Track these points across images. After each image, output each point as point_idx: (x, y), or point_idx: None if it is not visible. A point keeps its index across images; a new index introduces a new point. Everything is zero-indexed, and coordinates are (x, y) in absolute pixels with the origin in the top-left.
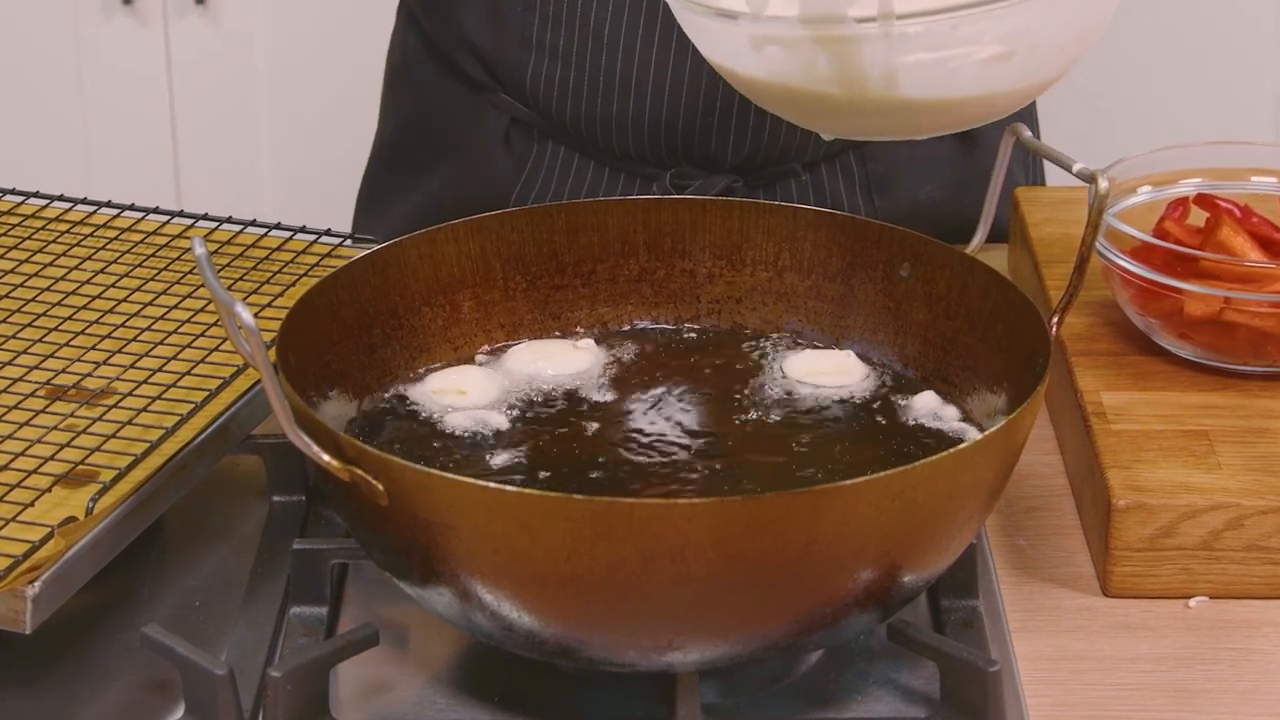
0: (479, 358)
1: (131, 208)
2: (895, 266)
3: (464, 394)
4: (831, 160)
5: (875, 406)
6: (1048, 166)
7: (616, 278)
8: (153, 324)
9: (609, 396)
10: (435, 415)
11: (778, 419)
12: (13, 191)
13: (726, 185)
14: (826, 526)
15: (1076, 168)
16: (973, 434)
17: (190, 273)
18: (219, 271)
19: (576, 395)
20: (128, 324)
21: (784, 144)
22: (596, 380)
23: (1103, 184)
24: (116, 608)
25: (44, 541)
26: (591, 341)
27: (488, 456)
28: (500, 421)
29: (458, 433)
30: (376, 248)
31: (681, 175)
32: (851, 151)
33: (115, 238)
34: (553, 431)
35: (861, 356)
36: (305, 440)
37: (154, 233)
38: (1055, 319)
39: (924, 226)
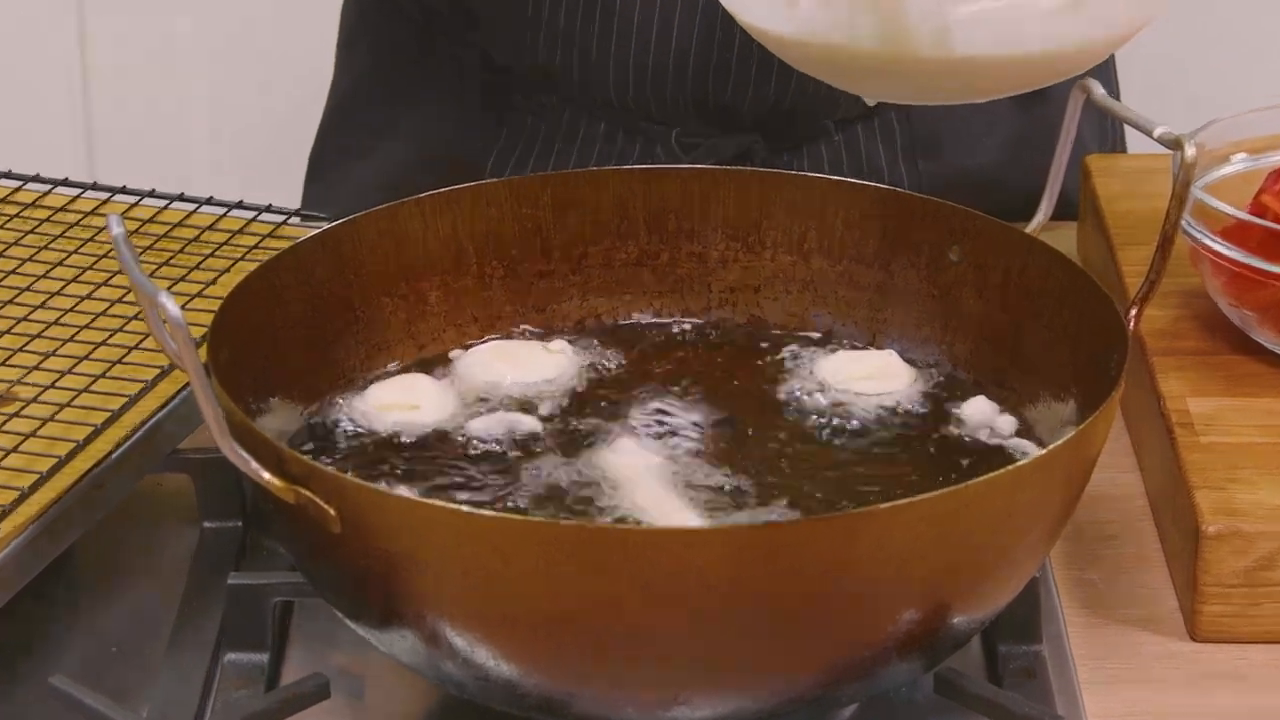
0: (453, 353)
1: (35, 179)
2: (943, 249)
3: (417, 408)
4: (869, 118)
5: (919, 417)
6: (1128, 130)
7: (612, 262)
8: (61, 317)
9: (603, 402)
10: (389, 430)
11: (804, 432)
12: None
13: (744, 145)
14: (860, 557)
15: (1158, 132)
16: (1035, 448)
17: (106, 256)
18: (140, 255)
19: (562, 405)
20: (31, 317)
21: (813, 94)
22: (576, 387)
23: (1189, 151)
24: (19, 655)
25: None
26: (565, 343)
27: (457, 477)
28: (466, 425)
29: (420, 448)
30: (328, 226)
31: (689, 132)
32: (894, 108)
33: (16, 215)
34: (531, 446)
35: (902, 356)
36: (242, 455)
37: (62, 209)
38: (1133, 311)
39: (977, 199)
